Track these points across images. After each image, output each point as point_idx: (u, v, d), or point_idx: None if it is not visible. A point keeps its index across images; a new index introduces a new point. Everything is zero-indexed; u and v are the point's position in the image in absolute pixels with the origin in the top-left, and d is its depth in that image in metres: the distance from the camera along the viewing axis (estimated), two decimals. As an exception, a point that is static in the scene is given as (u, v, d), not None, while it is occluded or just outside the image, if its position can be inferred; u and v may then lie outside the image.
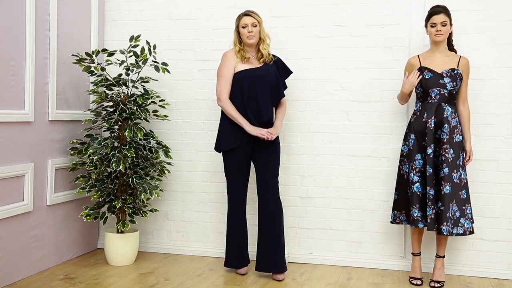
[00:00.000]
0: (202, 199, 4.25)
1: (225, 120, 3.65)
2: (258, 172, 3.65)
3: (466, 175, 3.48)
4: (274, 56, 3.71)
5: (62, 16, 3.87)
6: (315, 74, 4.02)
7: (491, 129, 3.75)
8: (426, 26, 3.52)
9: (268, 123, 3.61)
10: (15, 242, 3.48)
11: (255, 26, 3.58)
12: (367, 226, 3.94)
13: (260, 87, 3.54)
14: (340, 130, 3.98)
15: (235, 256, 3.71)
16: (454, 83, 3.46)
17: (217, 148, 3.70)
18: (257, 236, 3.67)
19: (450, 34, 3.56)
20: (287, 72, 3.75)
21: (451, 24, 3.50)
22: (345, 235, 4.00)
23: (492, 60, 3.74)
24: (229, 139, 3.61)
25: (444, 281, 3.50)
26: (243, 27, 3.58)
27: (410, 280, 3.55)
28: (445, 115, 3.42)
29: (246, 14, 3.60)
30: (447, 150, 3.38)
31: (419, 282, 3.52)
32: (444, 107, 3.44)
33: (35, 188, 3.64)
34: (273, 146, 3.63)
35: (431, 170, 3.39)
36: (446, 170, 3.37)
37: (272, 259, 3.59)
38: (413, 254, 3.61)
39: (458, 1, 3.77)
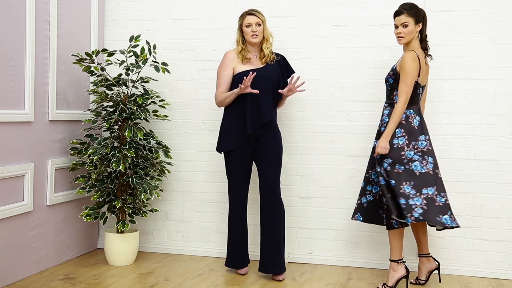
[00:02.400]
0: (202, 199, 4.25)
1: (227, 121, 3.65)
2: (260, 172, 3.65)
3: None
4: (277, 55, 3.70)
5: (62, 16, 3.87)
6: (315, 74, 4.02)
7: (491, 129, 3.75)
8: None
9: (269, 124, 3.61)
10: (15, 242, 3.48)
11: (259, 25, 3.57)
12: (367, 226, 3.93)
13: (261, 88, 3.52)
14: (340, 130, 3.98)
15: (235, 256, 3.71)
16: None
17: (218, 148, 3.70)
18: (260, 237, 3.67)
19: (422, 33, 3.37)
20: (290, 72, 3.74)
21: (418, 23, 3.32)
22: (345, 235, 4.00)
23: (492, 60, 3.74)
24: (230, 140, 3.61)
25: None
26: (247, 26, 3.57)
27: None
28: None
29: (250, 13, 3.59)
30: None
31: (422, 281, 3.52)
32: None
33: (35, 188, 3.64)
34: (275, 146, 3.63)
35: None
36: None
37: (273, 260, 3.59)
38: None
39: (458, 1, 3.77)
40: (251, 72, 3.43)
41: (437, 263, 3.50)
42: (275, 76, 3.61)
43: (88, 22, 4.19)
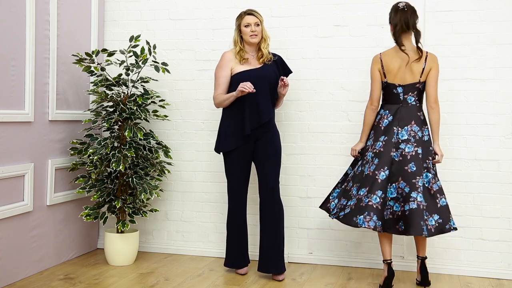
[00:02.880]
0: (202, 199, 4.25)
1: (225, 121, 3.65)
2: (259, 172, 3.65)
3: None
4: (274, 55, 3.70)
5: (62, 16, 3.87)
6: (315, 74, 4.02)
7: (491, 129, 3.75)
8: None
9: (267, 124, 3.61)
10: (15, 242, 3.48)
11: (258, 25, 3.58)
12: (367, 226, 3.94)
13: (259, 88, 3.52)
14: (340, 130, 3.98)
15: (235, 256, 3.71)
16: None
17: (217, 149, 3.70)
18: (259, 237, 3.67)
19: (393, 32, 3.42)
20: (287, 71, 3.74)
21: (390, 24, 3.42)
22: (345, 235, 4.00)
23: (492, 60, 3.74)
24: (229, 140, 3.60)
25: None
26: (246, 26, 3.57)
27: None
28: None
29: (249, 13, 3.59)
30: None
31: (417, 281, 3.52)
32: None
33: (35, 188, 3.64)
34: (274, 147, 3.63)
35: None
36: None
37: (273, 260, 3.59)
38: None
39: (458, 1, 3.77)
40: (252, 87, 3.42)
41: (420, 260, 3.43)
42: (273, 76, 3.61)
43: (88, 22, 4.19)
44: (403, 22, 3.33)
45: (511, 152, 3.73)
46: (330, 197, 3.54)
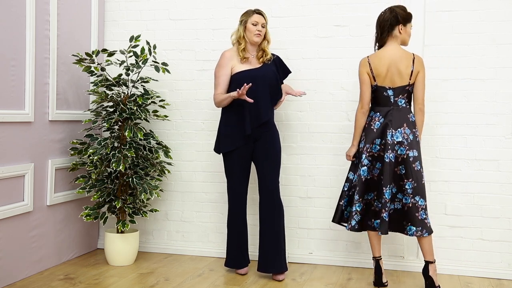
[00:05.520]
0: (202, 199, 4.25)
1: (225, 121, 3.65)
2: (259, 172, 3.65)
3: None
4: (273, 54, 3.71)
5: (62, 16, 3.87)
6: (315, 74, 4.02)
7: (491, 129, 3.75)
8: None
9: (267, 124, 3.61)
10: (15, 242, 3.48)
11: (263, 26, 3.59)
12: (367, 226, 3.94)
13: (259, 88, 3.53)
14: (340, 130, 3.99)
15: (235, 257, 3.71)
16: None
17: (217, 149, 3.70)
18: (259, 237, 3.67)
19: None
20: (286, 71, 3.75)
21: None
22: (345, 235, 4.00)
23: (492, 60, 3.74)
24: (229, 141, 3.60)
25: None
26: (254, 25, 3.57)
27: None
28: None
29: (259, 12, 3.60)
30: None
31: None
32: None
33: (35, 188, 3.64)
34: (274, 147, 3.63)
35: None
36: None
37: (273, 259, 3.59)
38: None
39: (458, 1, 3.77)
40: (245, 84, 3.39)
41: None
42: (272, 76, 3.62)
43: (88, 22, 4.19)
44: (384, 24, 3.36)
45: (511, 152, 3.73)
46: (342, 207, 3.50)
